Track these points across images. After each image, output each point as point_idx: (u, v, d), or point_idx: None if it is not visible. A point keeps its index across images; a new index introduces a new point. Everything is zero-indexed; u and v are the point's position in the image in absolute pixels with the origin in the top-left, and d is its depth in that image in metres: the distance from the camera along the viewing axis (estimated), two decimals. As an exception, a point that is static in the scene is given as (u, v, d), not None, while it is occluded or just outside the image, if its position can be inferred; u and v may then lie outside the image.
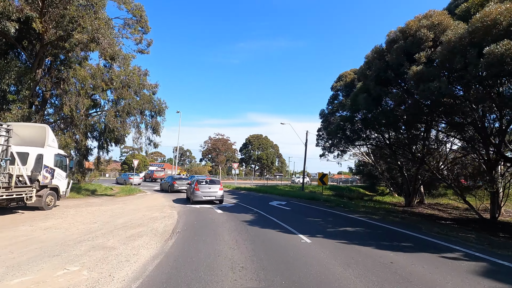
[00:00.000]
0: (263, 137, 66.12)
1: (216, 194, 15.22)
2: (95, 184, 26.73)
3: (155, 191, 25.97)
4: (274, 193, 22.76)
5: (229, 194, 23.62)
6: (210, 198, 15.06)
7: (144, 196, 20.01)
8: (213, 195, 15.11)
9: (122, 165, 67.48)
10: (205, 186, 15.25)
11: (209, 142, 57.20)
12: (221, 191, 15.50)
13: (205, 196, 14.94)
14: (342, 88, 21.85)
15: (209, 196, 15.03)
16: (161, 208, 13.17)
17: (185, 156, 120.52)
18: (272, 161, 66.28)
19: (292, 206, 15.36)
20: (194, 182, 15.80)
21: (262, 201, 17.81)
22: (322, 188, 29.74)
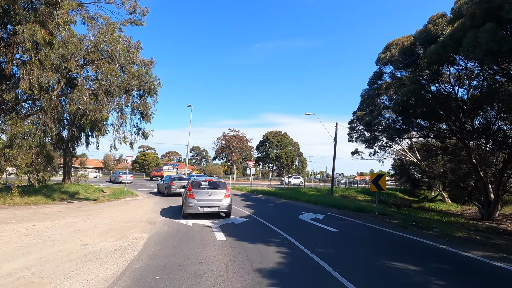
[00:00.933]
0: (282, 134, 60.39)
1: (220, 204, 10.07)
2: (83, 185, 22.48)
3: (151, 193, 21.29)
4: (300, 199, 17.31)
5: (242, 199, 18.42)
6: (210, 209, 9.93)
7: (130, 201, 15.25)
8: (215, 204, 9.99)
9: (133, 164, 64.35)
10: (203, 191, 10.08)
11: (223, 139, 52.36)
12: (228, 199, 10.31)
13: (202, 207, 9.84)
14: (395, 58, 16.05)
15: (210, 206, 9.93)
16: (129, 229, 8.17)
17: (201, 155, 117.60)
18: (292, 160, 60.38)
19: (337, 224, 9.88)
20: (188, 184, 10.67)
21: (288, 213, 12.47)
22: (353, 191, 23.69)
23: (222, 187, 10.46)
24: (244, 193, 23.80)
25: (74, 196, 17.55)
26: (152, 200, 16.29)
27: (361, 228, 9.38)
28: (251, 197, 20.23)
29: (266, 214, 11.81)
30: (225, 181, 11.24)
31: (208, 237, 7.28)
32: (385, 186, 12.04)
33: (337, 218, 11.26)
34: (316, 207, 14.48)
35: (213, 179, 11.04)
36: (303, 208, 14.27)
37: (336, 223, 10.17)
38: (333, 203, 14.61)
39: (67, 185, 20.30)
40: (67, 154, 17.03)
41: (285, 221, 10.32)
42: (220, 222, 9.53)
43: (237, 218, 10.54)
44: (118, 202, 15.02)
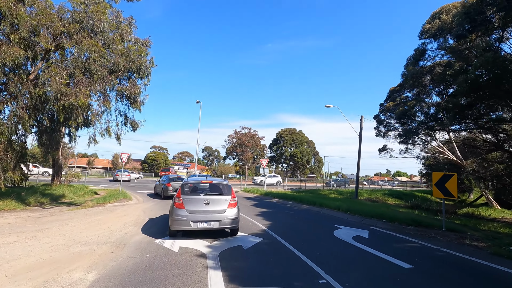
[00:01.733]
0: (296, 132, 56.66)
1: (223, 217, 6.87)
2: (77, 186, 19.95)
3: (149, 195, 18.54)
4: (327, 206, 13.92)
5: (254, 204, 15.25)
6: (208, 225, 6.77)
7: (116, 208, 12.38)
8: (216, 217, 6.83)
9: (142, 164, 62.57)
10: (197, 198, 6.97)
11: (234, 137, 49.30)
12: (234, 210, 7.10)
13: (196, 222, 6.70)
14: (447, 26, 12.43)
15: (207, 220, 6.76)
16: (74, 261, 5.18)
17: (213, 156, 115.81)
18: (308, 160, 56.54)
19: (399, 251, 6.53)
20: (178, 188, 7.44)
21: (318, 227, 9.17)
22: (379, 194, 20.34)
23: (226, 192, 7.32)
24: (256, 196, 20.61)
25: (58, 200, 14.93)
26: (144, 205, 13.38)
27: (443, 260, 5.95)
28: (265, 202, 17.02)
29: (288, 229, 8.56)
30: (230, 183, 7.94)
31: (195, 284, 4.14)
32: (456, 191, 8.51)
33: (391, 238, 7.86)
34: (351, 217, 11.09)
35: (213, 181, 7.85)
36: (334, 219, 10.93)
37: (395, 248, 6.79)
38: (371, 212, 11.19)
39: (56, 186, 17.76)
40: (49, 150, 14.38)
41: (318, 242, 7.04)
42: (222, 245, 6.38)
43: (247, 236, 7.35)
44: (101, 208, 12.18)
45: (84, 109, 11.20)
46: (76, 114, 11.21)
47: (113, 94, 12.06)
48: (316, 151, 61.34)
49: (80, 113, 11.27)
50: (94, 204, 13.47)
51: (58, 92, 10.62)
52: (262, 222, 9.77)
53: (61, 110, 11.10)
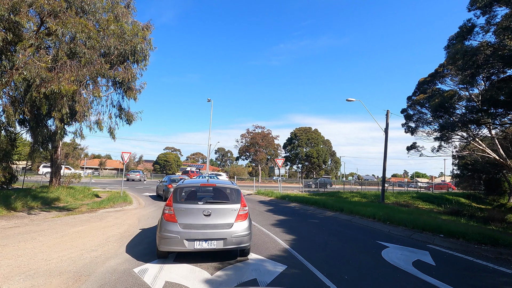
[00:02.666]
0: (312, 131, 53.88)
1: (229, 234, 4.98)
2: (77, 188, 18.51)
3: (153, 198, 16.85)
4: (356, 212, 11.60)
5: (270, 210, 13.13)
6: (208, 246, 4.87)
7: (110, 214, 10.60)
8: (219, 235, 4.94)
9: (154, 165, 61.74)
10: (195, 208, 5.14)
11: (247, 136, 47.25)
12: (244, 223, 5.24)
13: (192, 240, 4.84)
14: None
15: (207, 238, 4.89)
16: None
17: (225, 157, 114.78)
18: (325, 160, 53.68)
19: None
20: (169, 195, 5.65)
21: (357, 245, 6.92)
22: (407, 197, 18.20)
23: (234, 199, 5.53)
24: (271, 200, 18.48)
25: (51, 204, 13.39)
26: (143, 211, 11.54)
27: None
28: (282, 207, 14.86)
29: (319, 248, 6.40)
30: (238, 186, 6.17)
31: None
32: None
33: (468, 266, 5.53)
34: (394, 229, 8.76)
35: (217, 184, 5.88)
36: (373, 232, 8.64)
37: (487, 285, 4.51)
38: (417, 222, 8.79)
39: (54, 189, 16.31)
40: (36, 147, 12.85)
41: (367, 273, 4.84)
42: (228, 279, 4.33)
43: (264, 261, 5.28)
44: (91, 215, 10.43)
45: (69, 98, 9.48)
46: (60, 104, 9.50)
47: (106, 82, 10.25)
48: (333, 151, 58.34)
49: (65, 103, 9.55)
50: (87, 209, 11.78)
51: (38, 78, 8.93)
52: (282, 236, 7.65)
53: (42, 99, 9.43)
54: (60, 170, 17.51)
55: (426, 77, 23.94)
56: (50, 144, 16.82)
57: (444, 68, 21.76)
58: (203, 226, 4.95)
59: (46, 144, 14.27)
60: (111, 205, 12.86)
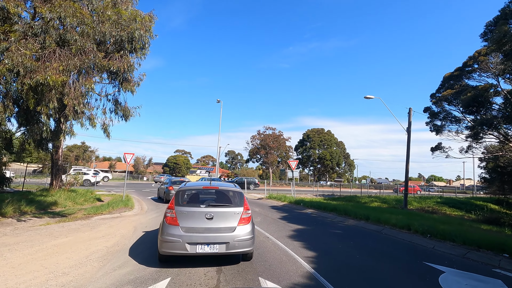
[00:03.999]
0: (325, 132, 51.92)
1: (232, 238, 4.86)
2: (80, 191, 17.63)
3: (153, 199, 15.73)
4: (384, 221, 9.99)
5: (284, 217, 11.67)
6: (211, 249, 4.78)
7: (105, 222, 9.43)
8: (222, 238, 4.84)
9: (163, 168, 61.24)
10: (197, 211, 5.03)
11: (257, 138, 45.84)
12: (247, 227, 5.07)
13: (195, 244, 4.75)
14: None
15: (209, 242, 4.80)
16: None
17: (236, 159, 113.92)
18: (338, 162, 51.56)
19: None
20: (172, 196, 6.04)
21: (399, 267, 5.40)
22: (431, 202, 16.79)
23: (236, 202, 5.38)
24: (285, 206, 17.01)
25: (46, 209, 12.41)
26: (143, 218, 10.31)
27: None
28: (297, 214, 13.39)
29: (351, 271, 4.93)
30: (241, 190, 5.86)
31: None
32: None
33: None
34: (439, 245, 7.15)
35: (220, 187, 5.71)
36: (412, 247, 7.07)
37: None
38: (466, 235, 7.16)
39: (53, 192, 15.41)
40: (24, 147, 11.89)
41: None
42: None
43: None
44: (86, 222, 9.29)
45: (58, 91, 8.39)
46: (48, 98, 8.42)
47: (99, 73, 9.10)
48: (346, 153, 56.10)
49: (53, 96, 8.47)
50: (83, 215, 10.69)
51: (21, 67, 7.88)
52: (302, 252, 6.21)
53: (28, 92, 8.38)
54: (61, 173, 16.62)
55: (452, 72, 22.02)
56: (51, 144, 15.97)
57: (474, 61, 19.86)
58: (205, 230, 4.88)
59: (44, 144, 13.35)
60: (109, 211, 11.74)
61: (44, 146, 13.47)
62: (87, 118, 8.76)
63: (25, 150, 12.38)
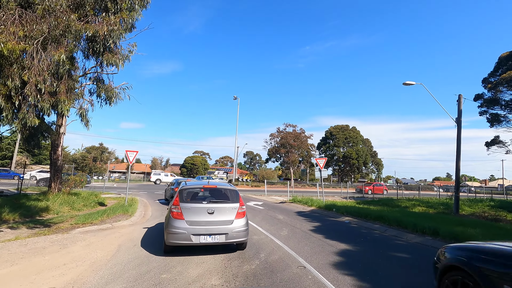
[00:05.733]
0: (349, 129, 48.15)
1: (230, 229, 5.68)
2: (83, 194, 15.96)
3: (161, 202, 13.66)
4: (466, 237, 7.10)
5: (317, 231, 8.99)
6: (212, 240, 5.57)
7: (87, 237, 7.29)
8: (221, 230, 5.63)
9: (181, 168, 60.05)
10: (199, 207, 5.75)
11: (277, 136, 42.99)
12: (242, 220, 5.88)
13: (198, 235, 5.49)
14: None
15: (211, 233, 5.57)
16: None
17: (254, 160, 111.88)
18: (365, 161, 47.58)
19: None
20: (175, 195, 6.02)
21: None
22: (484, 206, 13.61)
23: (233, 199, 6.11)
24: (313, 211, 14.33)
25: (34, 216, 10.64)
26: (135, 232, 8.07)
27: None
28: (332, 224, 10.68)
29: None
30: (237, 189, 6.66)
31: None
32: None
33: None
34: None
35: (218, 186, 6.46)
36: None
37: None
38: None
39: (51, 195, 13.72)
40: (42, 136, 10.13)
41: None
42: None
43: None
44: (62, 237, 7.20)
45: (20, 65, 6.32)
46: (6, 74, 6.38)
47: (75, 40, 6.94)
48: (373, 151, 51.92)
49: (15, 72, 6.42)
50: (67, 226, 8.68)
51: (-33, 32, 5.88)
52: None
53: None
54: (61, 174, 14.93)
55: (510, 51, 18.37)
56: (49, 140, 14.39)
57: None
58: (207, 223, 5.60)
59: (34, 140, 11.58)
60: (102, 219, 9.67)
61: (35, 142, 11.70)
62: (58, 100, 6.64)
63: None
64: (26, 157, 45.09)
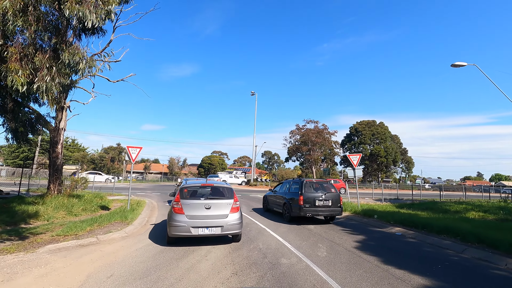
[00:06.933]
0: (377, 124, 44.41)
1: (225, 222, 6.38)
2: (87, 196, 14.53)
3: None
4: None
5: (364, 247, 6.55)
6: (209, 231, 6.29)
7: (58, 255, 5.41)
8: (217, 223, 6.36)
9: (198, 168, 58.87)
10: (197, 202, 6.49)
11: (297, 133, 40.21)
12: (236, 214, 6.60)
13: (197, 227, 6.22)
14: None
15: (208, 226, 6.30)
16: None
17: (273, 160, 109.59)
18: (395, 159, 43.64)
19: None
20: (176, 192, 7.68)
21: None
22: None
23: (228, 195, 6.86)
24: (348, 218, 11.85)
25: (19, 223, 9.13)
26: (124, 250, 6.10)
27: None
28: (382, 237, 8.20)
29: None
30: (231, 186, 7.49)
31: None
32: None
33: None
34: None
35: (214, 184, 7.22)
36: None
37: None
38: None
39: (50, 198, 12.25)
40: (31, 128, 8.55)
41: None
42: None
43: None
44: (21, 259, 5.34)
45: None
46: None
47: None
48: (403, 148, 47.80)
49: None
50: (48, 238, 6.96)
51: None
52: None
53: None
54: (60, 173, 13.45)
55: None
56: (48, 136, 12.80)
57: None
58: (205, 217, 6.31)
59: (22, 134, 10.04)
60: (90, 230, 7.83)
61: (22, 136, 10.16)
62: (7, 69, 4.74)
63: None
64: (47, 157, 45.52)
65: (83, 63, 4.93)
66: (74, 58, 4.77)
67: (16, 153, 45.93)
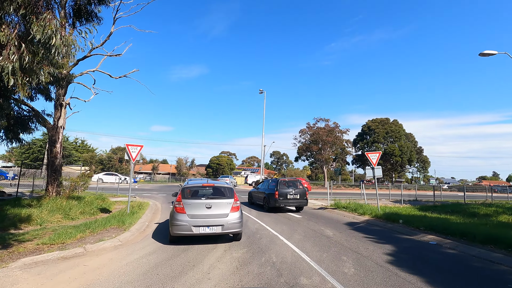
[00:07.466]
0: (390, 122, 42.59)
1: (226, 221, 6.48)
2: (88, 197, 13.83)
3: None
4: None
5: (401, 263, 5.38)
6: (210, 230, 6.40)
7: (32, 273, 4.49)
8: (218, 222, 6.46)
9: (206, 169, 58.20)
10: (199, 202, 6.60)
11: (307, 132, 38.87)
12: (237, 213, 6.69)
13: (198, 226, 6.35)
14: None
15: (209, 225, 6.42)
16: None
17: (281, 160, 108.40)
18: (410, 158, 41.65)
19: None
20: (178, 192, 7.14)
21: None
22: None
23: (228, 195, 6.97)
24: (369, 223, 10.64)
25: (7, 229, 8.47)
26: (114, 263, 5.17)
27: None
28: (413, 246, 7.02)
29: None
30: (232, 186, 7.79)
31: None
32: None
33: None
34: None
35: (215, 184, 7.28)
36: None
37: None
38: None
39: (47, 200, 11.52)
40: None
41: None
42: None
43: None
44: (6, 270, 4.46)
45: None
46: None
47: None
48: (419, 147, 45.80)
49: None
50: (32, 247, 6.19)
51: None
52: None
53: None
54: (59, 174, 12.74)
55: None
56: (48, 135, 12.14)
57: None
58: (206, 216, 6.44)
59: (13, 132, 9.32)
60: (81, 237, 6.98)
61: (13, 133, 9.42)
62: None
63: None
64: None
65: (57, 38, 4.03)
66: (44, 31, 3.88)
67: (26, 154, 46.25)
